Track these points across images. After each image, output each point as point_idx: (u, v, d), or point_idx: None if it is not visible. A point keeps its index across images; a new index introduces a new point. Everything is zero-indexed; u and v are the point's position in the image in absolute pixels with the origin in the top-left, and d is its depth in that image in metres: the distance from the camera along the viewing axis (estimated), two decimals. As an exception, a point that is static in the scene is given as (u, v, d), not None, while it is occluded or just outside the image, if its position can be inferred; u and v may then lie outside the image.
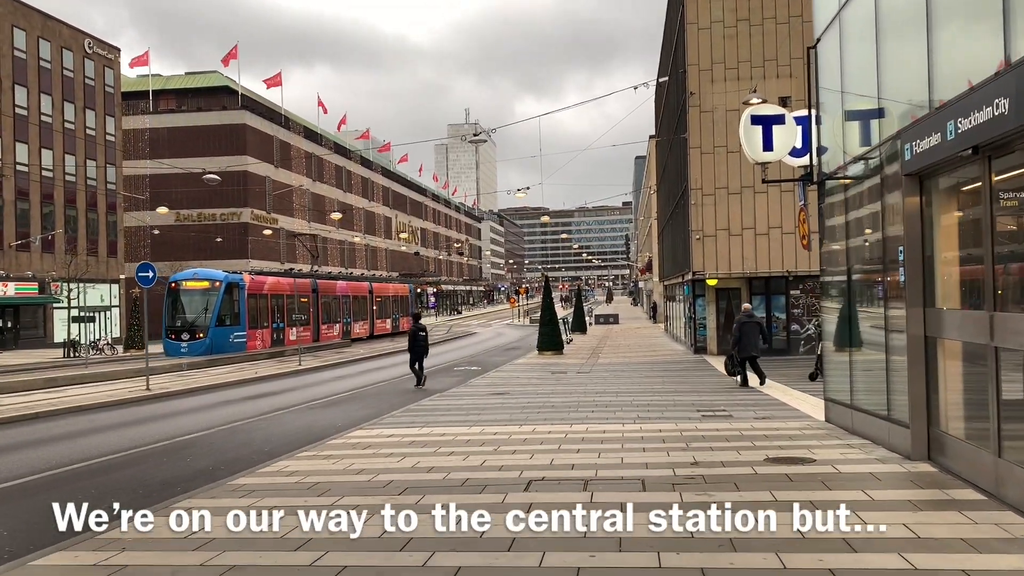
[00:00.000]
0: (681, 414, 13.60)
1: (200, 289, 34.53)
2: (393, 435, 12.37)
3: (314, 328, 41.90)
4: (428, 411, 15.22)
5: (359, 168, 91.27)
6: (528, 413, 14.23)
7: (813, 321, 20.58)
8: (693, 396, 16.42)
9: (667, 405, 14.99)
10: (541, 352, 32.91)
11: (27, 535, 7.82)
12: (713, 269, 28.72)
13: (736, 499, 7.25)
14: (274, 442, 13.12)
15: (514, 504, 7.40)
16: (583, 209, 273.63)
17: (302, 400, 19.90)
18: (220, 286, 34.64)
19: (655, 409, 14.40)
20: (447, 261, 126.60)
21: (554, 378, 22.50)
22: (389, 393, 20.56)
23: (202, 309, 34.10)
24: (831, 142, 12.12)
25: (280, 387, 23.67)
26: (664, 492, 7.97)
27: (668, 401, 15.62)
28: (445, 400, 17.21)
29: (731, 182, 28.73)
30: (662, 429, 11.60)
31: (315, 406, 18.62)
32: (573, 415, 14.01)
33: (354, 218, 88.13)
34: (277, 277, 42.34)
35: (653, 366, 26.21)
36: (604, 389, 18.58)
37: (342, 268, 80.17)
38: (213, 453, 12.48)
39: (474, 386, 20.46)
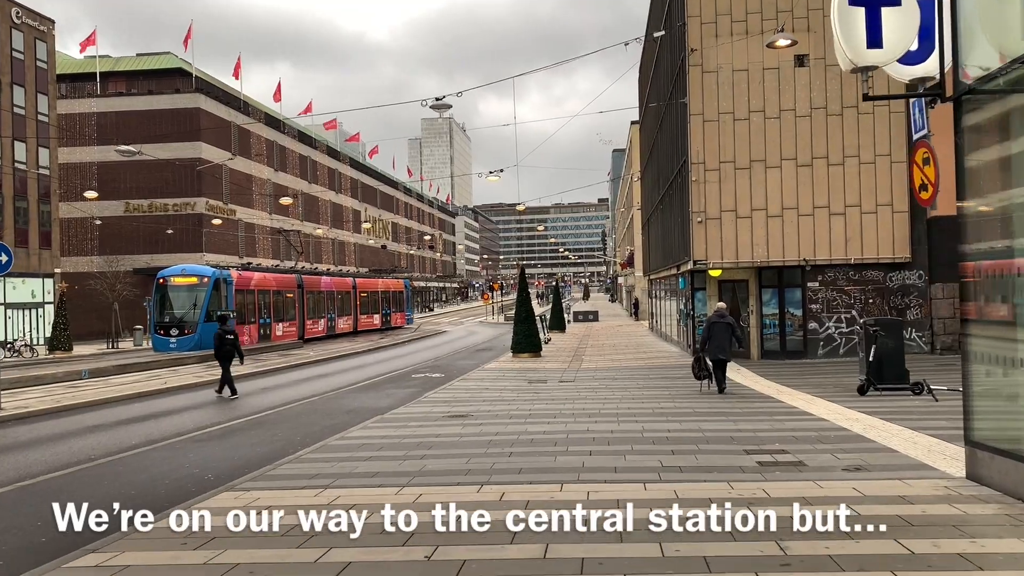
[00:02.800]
0: (724, 460, 9.23)
1: (188, 285, 34.68)
2: (265, 515, 6.62)
3: (300, 324, 41.88)
4: (348, 451, 10.58)
5: (325, 158, 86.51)
6: (495, 457, 9.77)
7: (862, 320, 16.46)
8: (723, 422, 12.11)
9: (695, 440, 10.61)
10: (516, 354, 28.61)
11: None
12: (717, 257, 24.53)
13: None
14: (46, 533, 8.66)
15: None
16: (559, 206, 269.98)
17: (183, 430, 15.05)
18: (208, 282, 34.68)
19: (682, 450, 9.99)
20: (419, 257, 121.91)
21: (531, 390, 18.19)
22: (313, 415, 15.89)
23: (191, 305, 34.24)
24: (976, 36, 7.89)
25: (176, 405, 19.12)
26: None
27: (693, 433, 11.24)
28: (381, 428, 12.64)
29: (739, 155, 24.55)
30: (711, 499, 6.59)
31: (194, 439, 13.93)
32: (562, 460, 9.56)
33: (320, 211, 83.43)
34: (263, 273, 41.76)
35: (649, 373, 21.98)
36: (598, 409, 14.24)
37: (305, 263, 75.44)
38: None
39: (429, 403, 16.06)
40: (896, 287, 24.29)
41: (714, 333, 16.29)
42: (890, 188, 24.14)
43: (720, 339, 16.18)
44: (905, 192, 24.11)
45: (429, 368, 26.51)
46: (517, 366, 25.25)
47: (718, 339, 16.20)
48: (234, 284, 36.14)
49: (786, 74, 24.35)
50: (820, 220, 24.33)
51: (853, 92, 24.13)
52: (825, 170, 24.29)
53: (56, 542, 6.77)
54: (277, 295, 40.04)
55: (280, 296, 40.25)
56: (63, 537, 6.40)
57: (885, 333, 15.47)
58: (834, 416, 12.39)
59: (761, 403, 14.62)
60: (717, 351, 16.19)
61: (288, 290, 41.58)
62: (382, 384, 21.60)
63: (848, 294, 24.43)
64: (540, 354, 29.03)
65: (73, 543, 6.52)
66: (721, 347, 16.18)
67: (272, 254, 71.44)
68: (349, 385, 21.55)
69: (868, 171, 24.18)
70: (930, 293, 24.10)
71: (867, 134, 24.16)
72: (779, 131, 24.43)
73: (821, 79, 24.26)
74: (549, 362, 26.57)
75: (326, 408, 16.71)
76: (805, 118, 24.35)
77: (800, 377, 19.68)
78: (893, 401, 14.44)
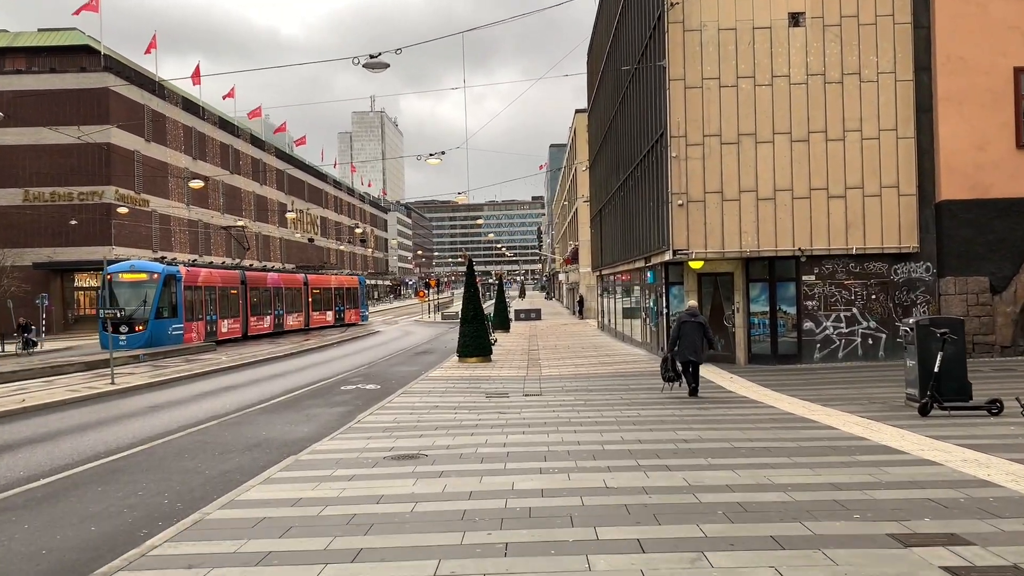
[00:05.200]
0: (871, 558, 5.57)
1: (138, 281, 34.51)
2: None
3: (243, 320, 41.78)
4: (230, 541, 6.36)
5: (249, 147, 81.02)
6: (480, 559, 5.77)
7: (913, 320, 13.12)
8: (804, 471, 8.43)
9: (796, 510, 6.84)
10: (463, 358, 24.79)
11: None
12: (700, 247, 21.08)
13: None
14: None
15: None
16: (493, 203, 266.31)
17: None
18: (159, 278, 34.52)
19: (797, 540, 6.07)
20: (350, 253, 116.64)
21: (493, 408, 14.37)
22: (201, 454, 11.55)
23: (141, 301, 34.10)
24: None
25: (18, 436, 14.70)
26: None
27: (779, 494, 7.44)
28: (292, 485, 8.37)
29: (725, 128, 21.14)
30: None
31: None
32: (603, 567, 5.59)
33: (243, 203, 78.02)
34: (209, 269, 41.54)
35: (628, 382, 18.40)
36: (598, 443, 10.47)
37: (226, 258, 70.08)
38: None
39: (364, 432, 12.05)
40: (901, 281, 21.23)
41: (684, 333, 15.25)
42: (896, 167, 21.03)
43: (691, 340, 15.18)
44: (913, 172, 21.06)
45: (362, 377, 22.39)
46: (467, 373, 21.40)
47: (689, 340, 15.20)
48: (183, 280, 35.75)
49: (779, 34, 21.03)
50: (817, 204, 21.09)
51: (855, 57, 21.00)
52: (823, 146, 21.06)
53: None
54: (223, 291, 39.87)
55: (225, 292, 40.15)
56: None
57: (953, 336, 12.12)
58: (933, 453, 8.87)
59: (814, 431, 11.07)
60: (688, 352, 15.19)
61: (232, 286, 41.26)
62: (303, 400, 17.45)
63: (848, 289, 21.26)
64: (490, 358, 25.28)
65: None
66: (693, 348, 15.18)
67: (190, 248, 65.98)
68: (261, 402, 17.33)
69: (871, 148, 21.04)
70: (939, 288, 21.09)
71: (870, 105, 21.02)
72: (771, 100, 21.11)
73: (819, 41, 21.03)
74: (502, 368, 22.80)
75: (222, 441, 12.45)
76: (800, 86, 21.08)
77: (812, 388, 16.32)
78: (979, 425, 11.06)
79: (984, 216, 20.79)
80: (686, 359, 15.32)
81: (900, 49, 20.97)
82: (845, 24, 20.93)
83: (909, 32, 20.97)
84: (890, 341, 21.09)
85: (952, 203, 20.87)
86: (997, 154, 20.77)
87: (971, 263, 20.85)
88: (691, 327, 15.30)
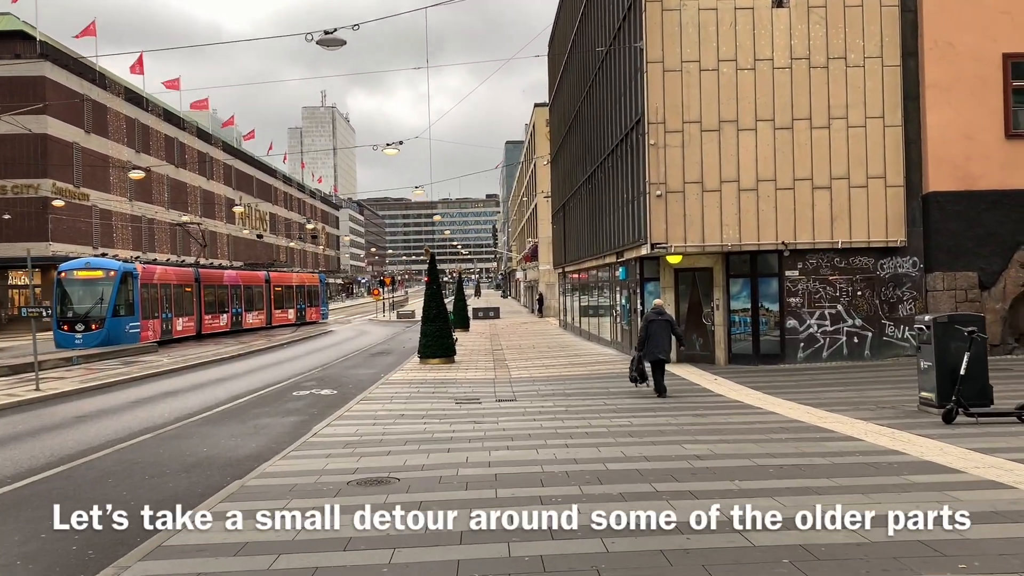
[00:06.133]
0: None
1: (94, 279, 33.69)
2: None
3: (197, 318, 41.31)
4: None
5: (195, 141, 78.06)
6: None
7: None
8: (841, 500, 7.13)
9: (864, 559, 5.40)
10: (425, 359, 23.22)
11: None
12: (680, 240, 19.83)
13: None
14: None
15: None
16: (446, 201, 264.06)
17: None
18: (115, 275, 33.71)
19: (849, 572, 4.74)
20: (301, 250, 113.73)
21: (467, 417, 12.89)
22: (127, 480, 9.72)
23: (97, 299, 33.29)
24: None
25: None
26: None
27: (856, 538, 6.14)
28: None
29: (706, 114, 19.92)
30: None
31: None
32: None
33: (189, 198, 75.19)
34: (165, 267, 40.88)
35: (608, 385, 17.06)
36: (599, 460, 9.06)
37: (171, 255, 67.32)
38: None
39: (321, 448, 10.47)
40: (887, 276, 20.23)
41: (652, 332, 15.06)
42: (883, 157, 20.04)
43: (660, 338, 15.00)
44: (900, 162, 20.08)
45: (316, 381, 20.69)
46: (431, 376, 19.87)
47: (657, 338, 15.01)
48: (139, 278, 35.10)
49: (762, 16, 19.88)
50: (801, 195, 19.99)
51: (841, 40, 19.94)
52: (808, 134, 19.97)
53: None
54: (178, 289, 39.61)
55: (180, 290, 39.92)
56: None
57: (983, 335, 10.98)
58: (994, 472, 7.64)
59: (839, 444, 9.82)
60: (658, 351, 15.01)
61: (187, 284, 40.80)
62: (251, 408, 15.73)
63: (833, 285, 20.21)
64: (454, 359, 23.75)
65: None
66: (662, 347, 15.02)
67: (133, 245, 63.19)
68: (204, 410, 15.57)
69: (857, 136, 20.01)
70: (926, 284, 20.15)
71: (856, 91, 19.98)
72: (754, 86, 19.94)
73: (803, 23, 19.93)
74: (468, 370, 21.31)
75: (155, 459, 10.72)
76: (784, 70, 19.96)
77: (806, 390, 15.14)
78: (1019, 435, 9.90)
79: (973, 208, 19.90)
80: (656, 358, 15.08)
81: (887, 33, 19.97)
82: (830, 5, 19.85)
83: (896, 15, 19.99)
84: (876, 340, 20.10)
85: (940, 195, 19.94)
86: (986, 144, 19.90)
87: (959, 258, 19.95)
88: (659, 325, 15.11)
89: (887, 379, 16.72)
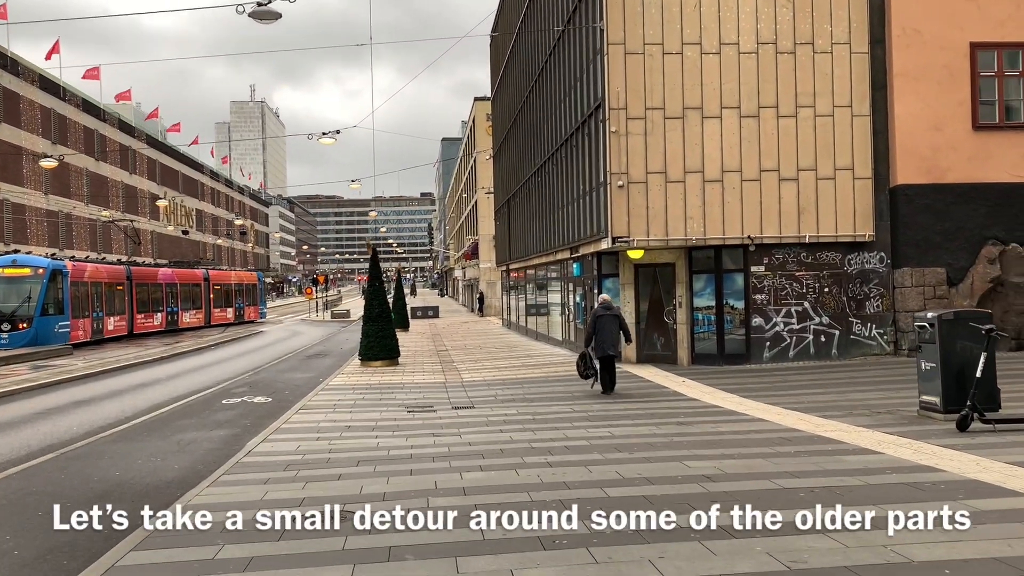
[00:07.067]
0: None
1: (21, 276, 32.56)
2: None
3: (129, 317, 40.51)
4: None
5: (117, 133, 74.31)
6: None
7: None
8: (919, 542, 5.93)
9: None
10: (367, 361, 21.64)
11: None
12: (642, 234, 18.67)
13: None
14: None
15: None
16: (380, 199, 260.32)
17: None
18: (44, 273, 32.68)
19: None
20: (229, 248, 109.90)
21: (423, 428, 11.43)
22: (18, 517, 8.23)
23: (25, 298, 32.16)
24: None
25: None
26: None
27: (885, 558, 4.93)
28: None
29: (669, 100, 18.79)
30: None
31: None
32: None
33: (110, 193, 71.50)
34: (96, 264, 39.94)
35: (568, 388, 15.78)
36: (588, 484, 7.73)
37: (91, 252, 63.77)
38: None
39: (257, 472, 8.87)
40: (855, 272, 19.43)
41: (600, 327, 14.81)
42: (851, 148, 19.22)
43: (608, 333, 14.77)
44: (869, 153, 19.29)
45: (248, 386, 18.88)
46: (375, 380, 18.29)
47: (606, 333, 14.77)
48: (70, 276, 34.01)
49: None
50: (768, 187, 19.04)
51: (808, 25, 19.05)
52: (774, 123, 19.02)
53: None
54: (109, 287, 38.76)
55: (112, 288, 39.11)
56: None
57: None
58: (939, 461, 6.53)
59: (860, 458, 8.70)
60: (607, 347, 14.79)
61: (118, 282, 39.98)
62: (174, 420, 13.91)
63: (800, 281, 19.30)
64: (398, 361, 22.20)
65: None
66: (610, 342, 14.78)
67: (49, 241, 59.63)
68: (120, 422, 13.71)
69: (825, 126, 19.15)
70: (893, 280, 19.41)
71: (824, 79, 19.12)
72: (719, 71, 18.90)
73: (770, 6, 18.97)
74: (415, 373, 19.80)
75: (55, 488, 8.90)
76: (751, 55, 18.96)
77: (784, 393, 14.11)
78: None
79: (941, 202, 19.24)
80: (605, 353, 14.81)
81: (855, 18, 19.16)
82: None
83: (864, 0, 19.19)
84: (844, 338, 19.28)
85: (908, 188, 19.21)
86: (954, 135, 19.26)
87: (928, 253, 19.26)
88: (607, 320, 14.86)
89: (863, 380, 15.83)
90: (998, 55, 19.38)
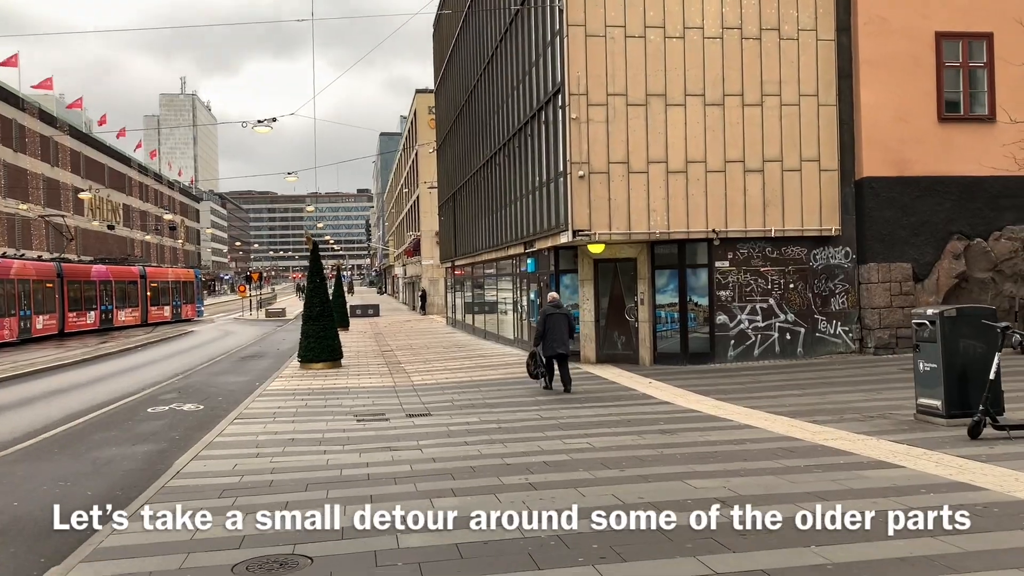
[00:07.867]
0: None
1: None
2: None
3: (60, 316, 38.95)
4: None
5: (37, 123, 70.51)
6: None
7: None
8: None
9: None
10: (308, 364, 20.19)
11: None
12: (604, 227, 17.65)
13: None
14: None
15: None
16: (315, 195, 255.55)
17: None
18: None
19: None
20: (157, 244, 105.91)
21: (377, 440, 10.18)
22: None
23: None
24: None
25: None
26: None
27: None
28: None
29: (632, 86, 17.81)
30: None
31: None
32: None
33: (29, 186, 67.77)
34: (23, 261, 38.18)
35: (531, 392, 14.65)
36: (584, 510, 6.58)
37: (8, 248, 60.27)
38: None
39: (184, 498, 7.49)
40: (820, 268, 18.75)
41: (550, 326, 14.70)
42: (817, 139, 18.52)
43: (558, 332, 14.69)
44: (835, 144, 18.62)
45: (177, 392, 17.26)
46: (317, 384, 16.90)
47: (556, 332, 14.67)
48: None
49: (692, -21, 17.94)
50: (733, 179, 18.21)
51: (774, 10, 18.27)
52: (740, 112, 18.19)
53: None
54: (37, 284, 37.32)
55: (40, 286, 37.62)
56: None
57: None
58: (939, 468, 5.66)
59: (880, 472, 7.77)
60: (557, 346, 14.67)
61: (48, 279, 38.49)
62: (92, 433, 12.33)
63: (765, 277, 18.54)
64: (341, 363, 20.79)
65: None
66: (561, 340, 14.69)
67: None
68: (27, 436, 12.07)
69: (791, 115, 18.41)
70: (859, 276, 18.80)
71: (790, 66, 18.38)
72: (683, 56, 17.99)
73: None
74: (360, 376, 18.45)
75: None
76: (715, 40, 18.10)
77: (760, 395, 13.23)
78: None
79: (907, 195, 18.69)
80: (555, 352, 14.68)
81: (822, 4, 18.46)
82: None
83: (831, -15, 18.52)
84: (809, 336, 18.59)
85: (874, 180, 18.61)
86: (919, 127, 18.72)
87: (893, 248, 18.69)
88: (557, 319, 14.76)
89: (837, 381, 15.09)
90: (963, 45, 18.94)
